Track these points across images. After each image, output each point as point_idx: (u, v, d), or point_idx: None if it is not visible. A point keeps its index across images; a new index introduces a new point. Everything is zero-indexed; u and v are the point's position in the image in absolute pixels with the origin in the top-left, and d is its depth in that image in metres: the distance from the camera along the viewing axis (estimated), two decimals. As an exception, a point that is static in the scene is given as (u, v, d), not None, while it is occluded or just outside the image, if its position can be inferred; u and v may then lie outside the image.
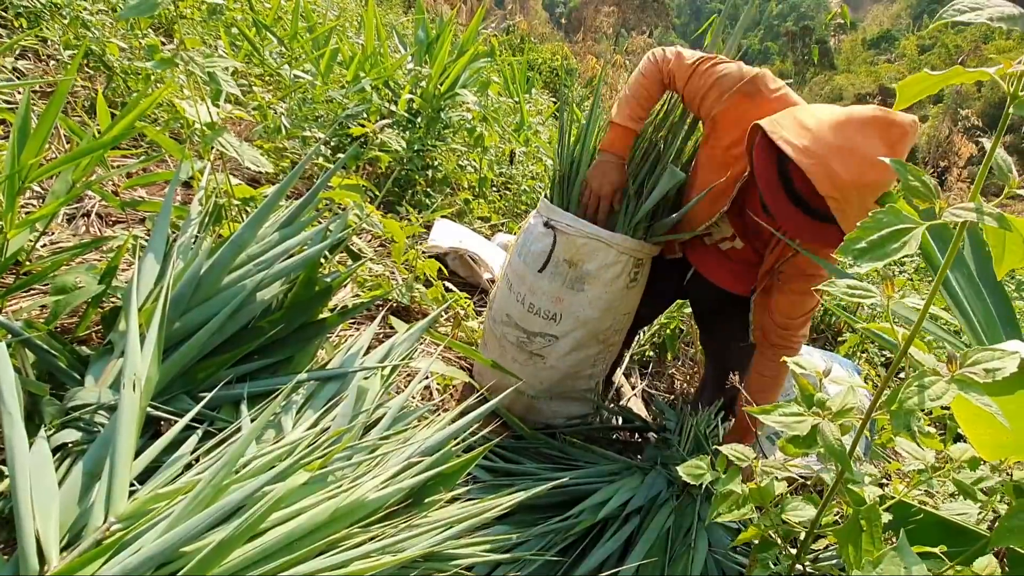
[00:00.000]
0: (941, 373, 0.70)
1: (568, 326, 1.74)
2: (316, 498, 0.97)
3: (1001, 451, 0.92)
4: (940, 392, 0.68)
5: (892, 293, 0.78)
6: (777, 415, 0.87)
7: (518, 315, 1.78)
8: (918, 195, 0.69)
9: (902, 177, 0.69)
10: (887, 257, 0.65)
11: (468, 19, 6.32)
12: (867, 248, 0.66)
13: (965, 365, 0.70)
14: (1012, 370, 0.66)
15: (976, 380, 0.67)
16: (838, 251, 0.68)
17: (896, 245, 0.65)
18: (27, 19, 2.36)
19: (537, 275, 1.72)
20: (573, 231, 1.65)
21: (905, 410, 0.68)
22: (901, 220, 0.67)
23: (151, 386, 1.06)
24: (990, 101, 31.47)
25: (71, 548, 0.82)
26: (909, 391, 0.69)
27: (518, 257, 1.79)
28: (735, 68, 1.49)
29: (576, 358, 1.80)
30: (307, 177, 2.67)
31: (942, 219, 0.66)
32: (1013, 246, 0.68)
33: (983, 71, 0.61)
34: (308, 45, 3.57)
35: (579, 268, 1.69)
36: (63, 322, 1.32)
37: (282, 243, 1.40)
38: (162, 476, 0.98)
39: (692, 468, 1.04)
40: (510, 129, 4.19)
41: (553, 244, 1.69)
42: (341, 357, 1.41)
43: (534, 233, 1.75)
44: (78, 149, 1.35)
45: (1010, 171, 0.68)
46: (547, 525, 1.40)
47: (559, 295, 1.72)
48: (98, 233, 1.79)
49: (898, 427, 0.69)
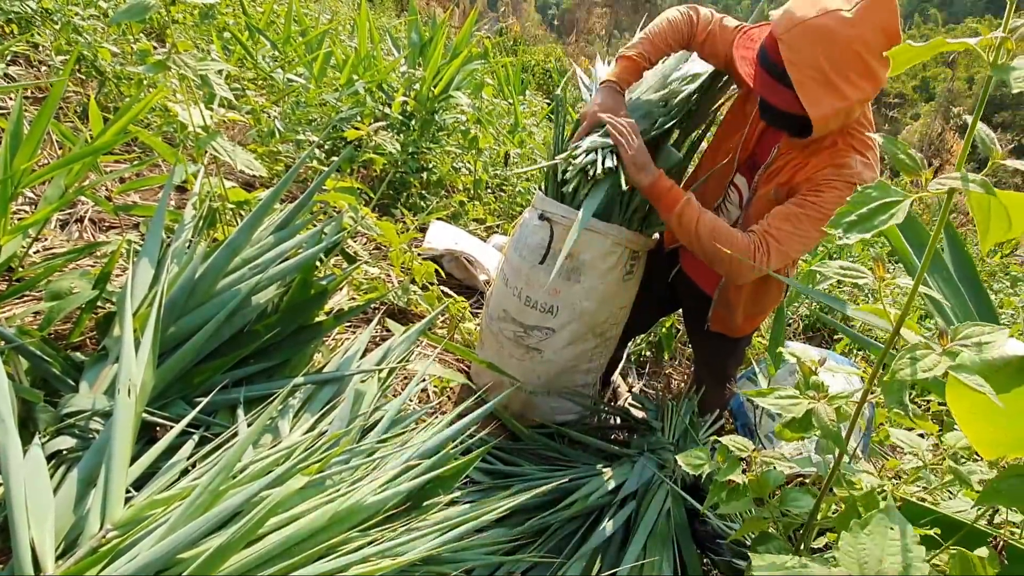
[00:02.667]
0: (932, 347, 0.71)
1: (565, 318, 1.75)
2: (314, 502, 0.96)
3: (999, 448, 0.92)
4: (932, 364, 0.69)
5: (883, 274, 0.78)
6: (773, 398, 0.87)
7: (515, 309, 1.78)
8: (905, 168, 0.71)
9: (889, 151, 0.71)
10: (874, 229, 0.67)
11: (461, 21, 6.33)
12: (856, 221, 0.68)
13: (956, 339, 0.71)
14: (1002, 343, 0.67)
15: (967, 353, 0.68)
16: (828, 224, 0.70)
17: (884, 217, 0.68)
18: (18, 25, 2.35)
19: (533, 268, 1.72)
20: (568, 222, 1.65)
21: (898, 382, 0.69)
22: (888, 194, 0.69)
23: (146, 392, 1.06)
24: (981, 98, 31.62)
25: (67, 556, 0.81)
26: (901, 363, 0.70)
27: (514, 251, 1.79)
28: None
29: (573, 351, 1.81)
30: (301, 180, 2.67)
31: (929, 190, 0.68)
32: (998, 219, 0.69)
33: (965, 41, 0.63)
34: (301, 49, 3.56)
35: (576, 259, 1.69)
36: (57, 328, 1.31)
37: (277, 246, 1.40)
38: (158, 482, 0.97)
39: (691, 458, 1.04)
40: (504, 131, 4.19)
41: (551, 236, 1.69)
42: (338, 360, 1.41)
43: (529, 226, 1.75)
44: (71, 154, 1.34)
45: (993, 144, 0.69)
46: (541, 518, 1.40)
47: (555, 287, 1.72)
48: (91, 238, 1.78)
49: (891, 401, 0.70)
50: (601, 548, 1.40)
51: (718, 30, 1.55)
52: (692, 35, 1.57)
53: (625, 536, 1.44)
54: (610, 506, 1.49)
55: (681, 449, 1.66)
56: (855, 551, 0.66)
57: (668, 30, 1.56)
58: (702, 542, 1.54)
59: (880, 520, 0.67)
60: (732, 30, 1.54)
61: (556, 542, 1.42)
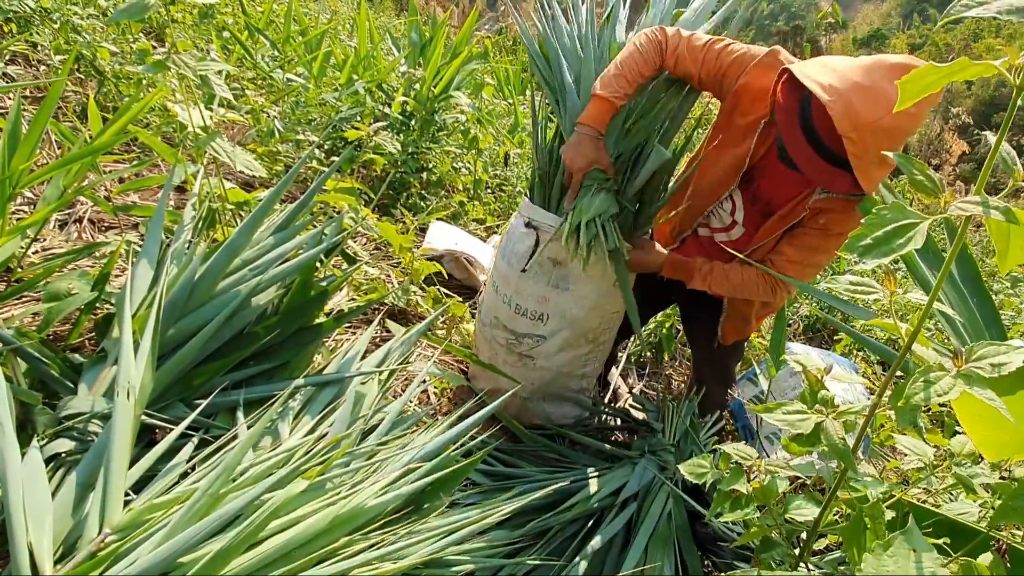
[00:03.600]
0: (947, 368, 0.70)
1: (555, 326, 1.74)
2: (314, 506, 0.96)
3: (1004, 450, 0.92)
4: (947, 387, 0.67)
5: (894, 288, 0.77)
6: (781, 413, 0.86)
7: (505, 317, 1.77)
8: (923, 189, 0.68)
9: (907, 171, 0.69)
10: (892, 253, 0.64)
11: (461, 21, 6.32)
12: (872, 244, 0.65)
13: (971, 360, 0.70)
14: (1018, 364, 0.66)
15: (982, 375, 0.66)
16: (843, 248, 0.68)
17: (901, 241, 0.65)
18: (17, 24, 2.34)
19: (521, 276, 1.71)
20: (553, 230, 1.63)
21: (911, 406, 0.67)
22: (905, 216, 0.66)
23: (145, 394, 1.05)
24: (980, 99, 31.70)
25: (65, 560, 0.81)
26: (915, 386, 0.69)
27: (502, 259, 1.78)
28: (746, 46, 1.50)
29: (566, 358, 1.80)
30: (301, 181, 2.66)
31: (947, 213, 0.66)
32: (1018, 240, 0.67)
33: (989, 64, 0.61)
34: (300, 48, 3.55)
35: (564, 267, 1.67)
36: (55, 330, 1.31)
37: (277, 247, 1.39)
38: (158, 485, 0.96)
39: (694, 467, 1.03)
40: (504, 131, 4.18)
41: (536, 243, 1.68)
42: (338, 362, 1.40)
43: (516, 233, 1.73)
44: (70, 154, 1.34)
45: (1015, 164, 0.67)
46: (542, 521, 1.40)
47: (544, 295, 1.70)
48: (91, 239, 1.78)
49: (904, 423, 0.69)
50: (602, 550, 1.40)
51: (687, 52, 1.52)
52: (663, 61, 1.55)
53: (626, 538, 1.44)
54: (611, 508, 1.48)
55: (682, 450, 1.66)
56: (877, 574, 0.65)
57: (640, 61, 1.52)
58: (703, 544, 1.54)
59: (902, 542, 0.66)
60: (701, 48, 1.52)
61: (557, 544, 1.42)
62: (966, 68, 0.62)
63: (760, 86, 1.48)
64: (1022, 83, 0.61)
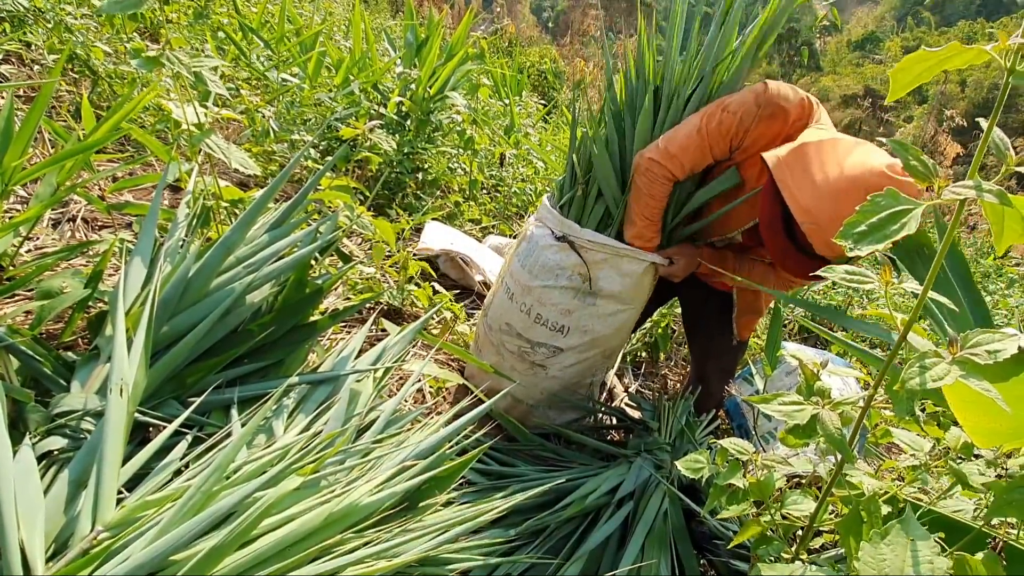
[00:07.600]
0: (942, 355, 0.70)
1: (575, 340, 1.72)
2: (309, 503, 0.95)
3: (996, 438, 0.91)
4: (942, 373, 0.67)
5: (890, 279, 0.77)
6: (777, 404, 0.86)
7: (521, 325, 1.75)
8: (918, 175, 0.68)
9: (902, 157, 0.69)
10: (887, 239, 0.64)
11: (456, 22, 6.32)
12: (867, 231, 0.65)
13: (966, 347, 0.70)
14: (1013, 351, 0.66)
15: (978, 361, 0.66)
16: (837, 235, 0.68)
17: (895, 227, 0.65)
18: (10, 23, 2.33)
19: (545, 287, 1.69)
20: (592, 246, 1.63)
21: (908, 391, 0.67)
22: (899, 202, 0.66)
23: (139, 391, 1.04)
24: (974, 101, 31.86)
25: (57, 558, 0.80)
26: (911, 372, 0.68)
27: (521, 268, 1.74)
28: (738, 99, 1.45)
29: (578, 369, 1.79)
30: (296, 180, 2.65)
31: (942, 198, 0.66)
32: (1012, 223, 0.67)
33: (982, 48, 0.61)
34: (295, 49, 3.54)
35: (596, 282, 1.66)
36: (48, 327, 1.30)
37: (271, 245, 1.38)
38: (151, 483, 0.96)
39: (690, 463, 1.03)
40: (500, 132, 4.18)
41: (574, 259, 1.66)
42: (332, 360, 1.39)
43: (541, 243, 1.70)
44: (63, 151, 1.33)
45: (1007, 149, 0.67)
46: (538, 519, 1.40)
47: (568, 307, 1.69)
48: (84, 237, 1.77)
49: (900, 411, 0.68)
50: (598, 549, 1.40)
51: (689, 164, 1.53)
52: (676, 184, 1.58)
53: (622, 537, 1.44)
54: (607, 507, 1.48)
55: (678, 449, 1.66)
56: (875, 562, 0.65)
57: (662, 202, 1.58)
58: (699, 542, 1.53)
59: (899, 531, 0.66)
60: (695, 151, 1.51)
61: (553, 543, 1.41)
62: (959, 54, 0.62)
63: (769, 137, 1.46)
64: (1012, 66, 0.62)
